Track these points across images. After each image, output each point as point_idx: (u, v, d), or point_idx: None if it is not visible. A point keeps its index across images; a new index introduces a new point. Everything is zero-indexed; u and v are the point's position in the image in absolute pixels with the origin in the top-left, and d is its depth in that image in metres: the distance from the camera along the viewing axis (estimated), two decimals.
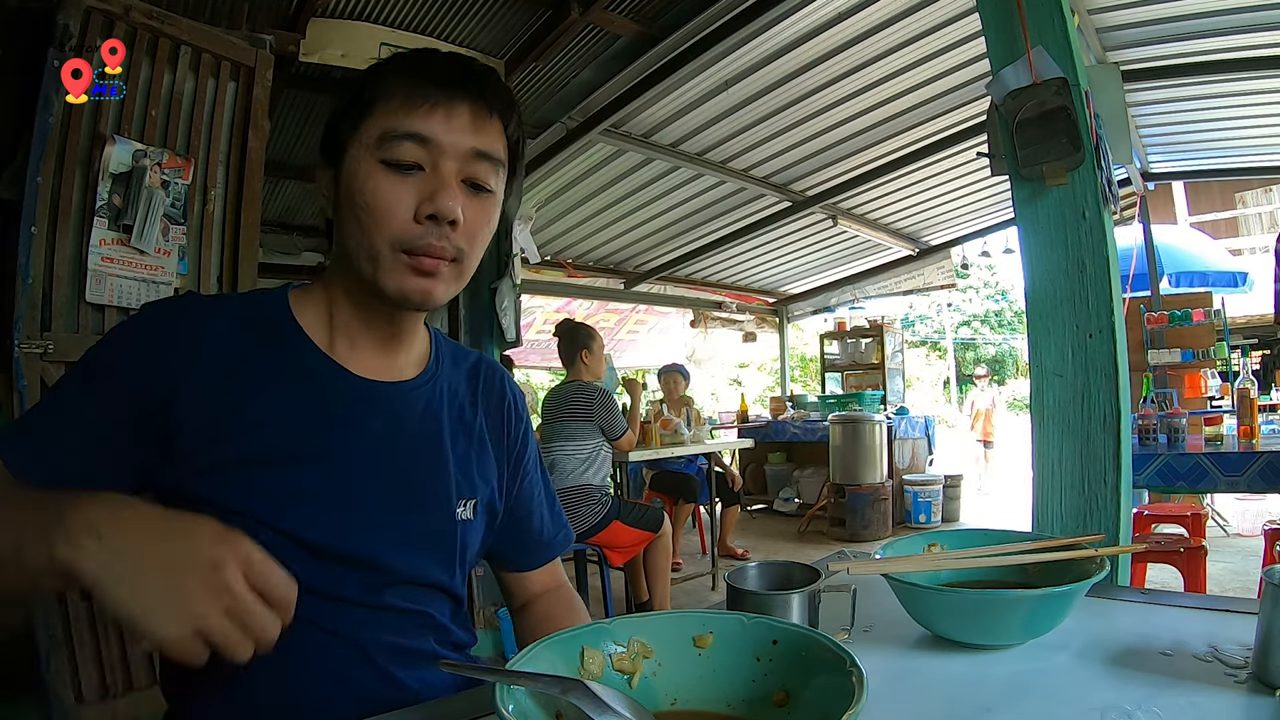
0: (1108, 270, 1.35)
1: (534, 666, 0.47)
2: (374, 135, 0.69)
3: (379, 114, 0.69)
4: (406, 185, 0.69)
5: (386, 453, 0.75)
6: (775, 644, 0.52)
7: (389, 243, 0.69)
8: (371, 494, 0.74)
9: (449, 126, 0.69)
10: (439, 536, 0.78)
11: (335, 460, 0.72)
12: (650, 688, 0.53)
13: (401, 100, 0.69)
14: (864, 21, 3.43)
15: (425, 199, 0.68)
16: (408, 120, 0.68)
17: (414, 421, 0.79)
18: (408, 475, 0.76)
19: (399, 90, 0.69)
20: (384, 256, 0.69)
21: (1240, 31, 3.39)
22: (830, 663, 0.48)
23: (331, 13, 2.90)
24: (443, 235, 0.69)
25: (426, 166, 0.69)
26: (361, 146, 0.70)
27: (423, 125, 0.68)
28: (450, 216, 0.69)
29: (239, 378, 0.70)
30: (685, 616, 0.56)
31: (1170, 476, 2.68)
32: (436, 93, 0.69)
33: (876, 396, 6.62)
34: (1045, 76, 1.37)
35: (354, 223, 0.70)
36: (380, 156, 0.69)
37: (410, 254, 0.69)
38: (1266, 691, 0.56)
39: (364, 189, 0.69)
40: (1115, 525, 1.31)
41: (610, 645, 0.53)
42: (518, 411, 0.93)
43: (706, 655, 0.54)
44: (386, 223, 0.69)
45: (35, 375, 2.12)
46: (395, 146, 0.68)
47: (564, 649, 0.51)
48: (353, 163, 0.70)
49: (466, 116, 0.70)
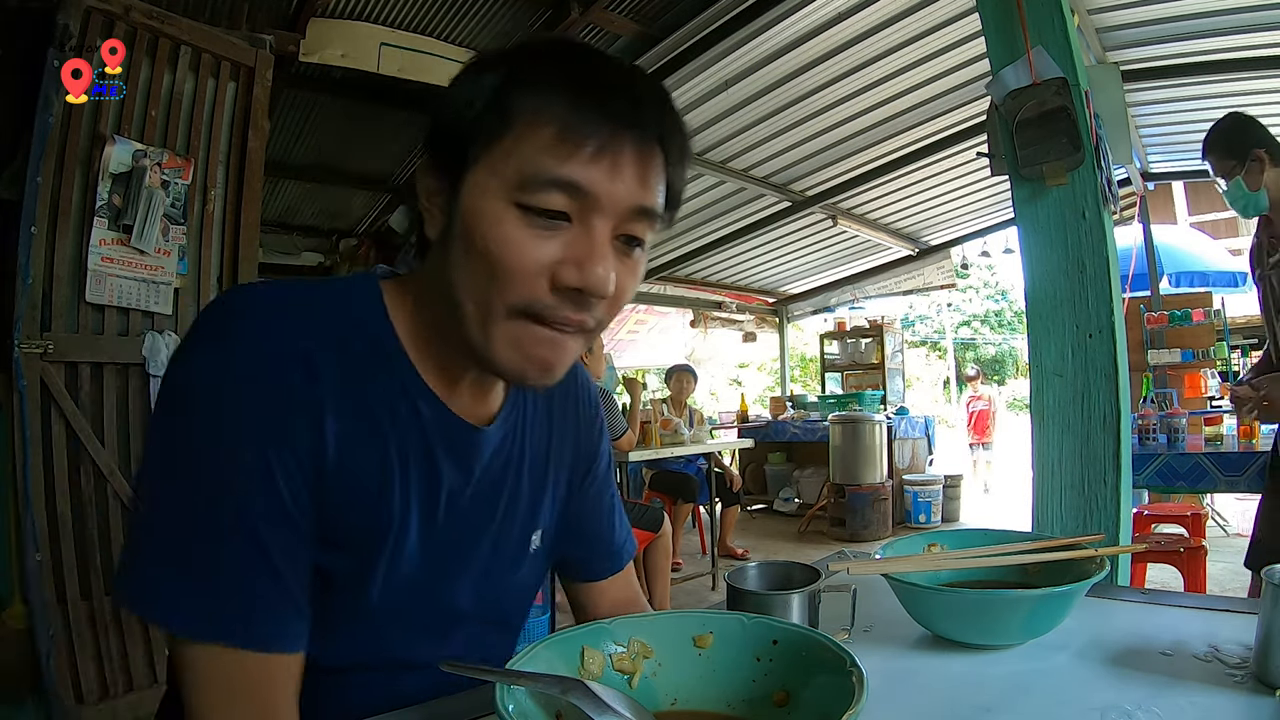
0: (1108, 270, 1.35)
1: (534, 666, 0.47)
2: (512, 170, 0.53)
3: (523, 139, 0.53)
4: (548, 243, 0.54)
5: (474, 501, 0.67)
6: (775, 644, 0.52)
7: (510, 306, 0.55)
8: (459, 548, 0.67)
9: (614, 176, 0.53)
10: (514, 576, 0.73)
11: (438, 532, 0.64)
12: (650, 688, 0.53)
13: (557, 133, 0.52)
14: (864, 21, 3.43)
15: (570, 263, 0.54)
16: (564, 166, 0.52)
17: (499, 461, 0.70)
18: (490, 520, 0.69)
19: (555, 115, 0.52)
20: (498, 321, 0.55)
21: (1240, 31, 3.39)
22: (830, 663, 0.48)
23: (331, 13, 2.90)
24: (582, 308, 0.55)
25: (574, 218, 0.54)
26: (493, 176, 0.54)
27: (582, 174, 0.52)
28: (604, 293, 0.54)
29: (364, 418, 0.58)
30: (685, 616, 0.56)
31: (1170, 476, 2.68)
32: (603, 129, 0.52)
33: (876, 396, 6.62)
34: (1045, 76, 1.37)
35: (468, 267, 0.55)
36: (518, 200, 0.53)
37: (536, 321, 0.56)
38: (1266, 691, 0.56)
39: (491, 236, 0.53)
40: (1115, 525, 1.31)
41: (610, 645, 0.53)
42: (592, 407, 0.84)
43: (707, 655, 0.54)
44: (512, 285, 0.54)
45: (35, 375, 2.13)
46: (543, 194, 0.52)
47: (564, 649, 0.51)
48: (478, 195, 0.54)
49: (635, 164, 0.54)
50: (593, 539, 0.85)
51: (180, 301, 2.48)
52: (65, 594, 2.16)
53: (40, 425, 2.14)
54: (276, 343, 0.55)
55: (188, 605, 0.51)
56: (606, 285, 0.54)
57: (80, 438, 2.21)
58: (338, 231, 5.40)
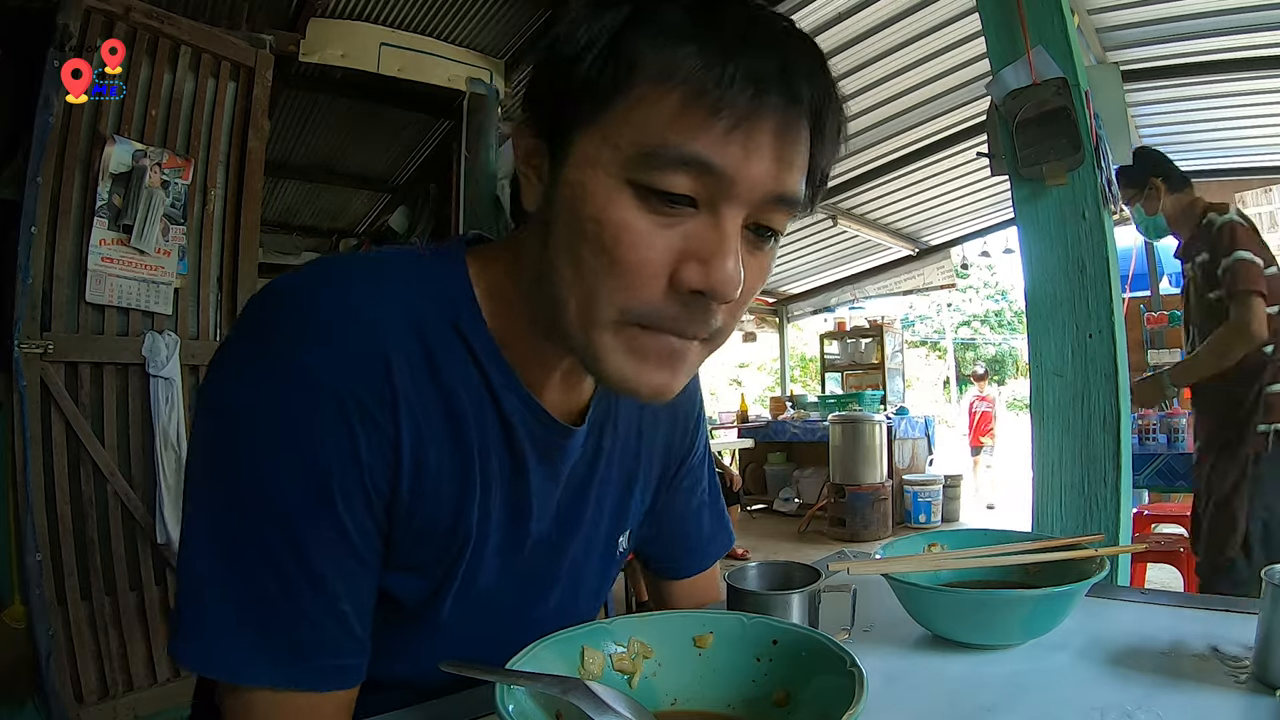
0: (1108, 270, 1.35)
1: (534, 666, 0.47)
2: (629, 141, 0.44)
3: (644, 103, 0.43)
4: (669, 233, 0.45)
5: (560, 507, 0.62)
6: (775, 644, 0.52)
7: (621, 310, 0.46)
8: (545, 557, 0.62)
9: (752, 155, 0.44)
10: (598, 579, 0.70)
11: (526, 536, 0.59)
12: (650, 688, 0.52)
13: (686, 98, 0.42)
14: (864, 21, 3.43)
15: (694, 261, 0.45)
16: (693, 140, 0.43)
17: (585, 460, 0.64)
18: (578, 525, 0.65)
19: (686, 75, 0.42)
20: (606, 327, 0.47)
21: (1240, 31, 3.39)
22: (830, 663, 0.48)
23: (331, 13, 2.90)
24: (706, 314, 0.47)
25: (700, 204, 0.45)
26: (605, 146, 0.45)
27: (715, 153, 0.43)
28: (731, 297, 0.46)
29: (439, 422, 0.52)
30: (685, 617, 0.56)
31: (1170, 476, 2.68)
32: (744, 95, 0.42)
33: (876, 396, 6.63)
34: (1045, 76, 1.37)
35: (571, 257, 0.47)
36: (634, 178, 0.44)
37: (648, 329, 0.47)
38: (1266, 691, 0.56)
39: (604, 219, 0.45)
40: (1115, 525, 1.31)
41: (610, 645, 0.53)
42: (691, 397, 0.76)
43: (707, 655, 0.53)
44: (625, 285, 0.45)
45: (35, 375, 2.13)
46: (663, 174, 0.43)
47: (564, 649, 0.51)
48: (586, 167, 0.45)
49: (778, 142, 0.45)
50: (678, 536, 0.80)
51: (180, 301, 2.48)
52: (65, 594, 2.16)
53: (40, 425, 2.14)
54: (342, 350, 0.47)
55: (247, 656, 0.46)
56: (735, 288, 0.45)
57: (80, 438, 2.21)
58: (338, 231, 5.40)
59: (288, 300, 0.49)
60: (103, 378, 2.30)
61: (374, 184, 4.71)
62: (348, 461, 0.47)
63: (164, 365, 2.36)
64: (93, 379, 2.28)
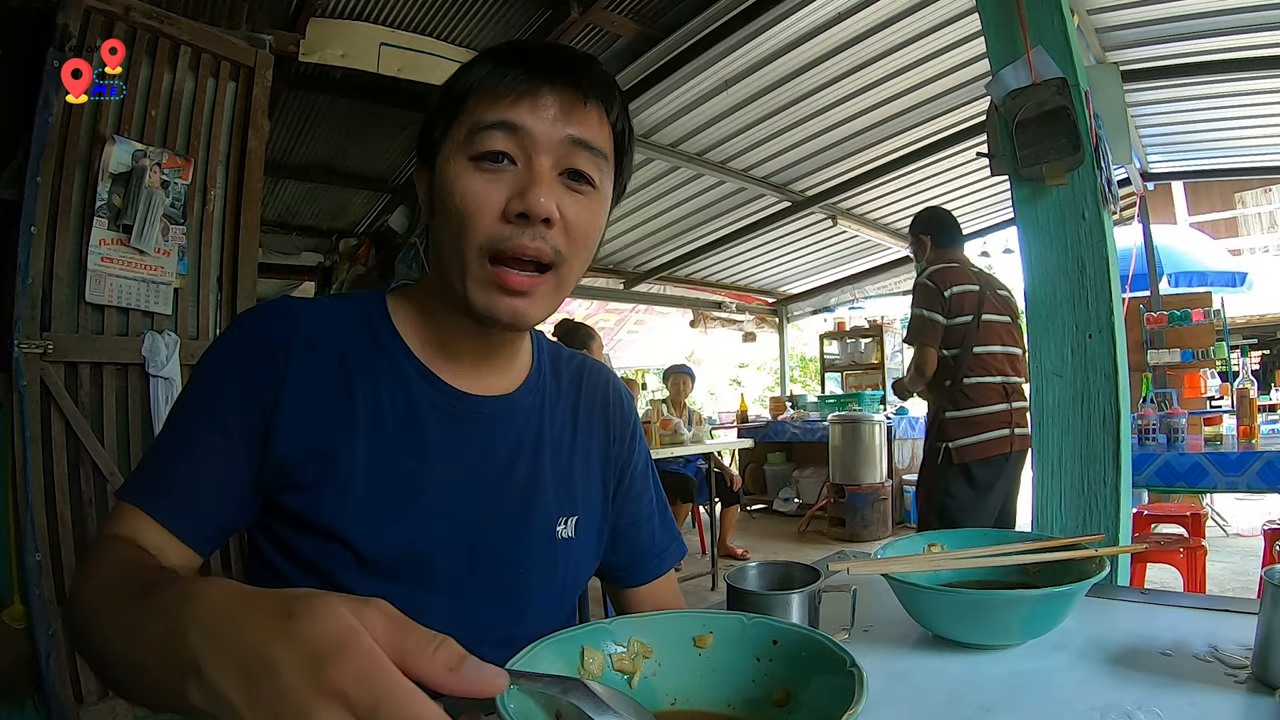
0: (1107, 270, 1.35)
1: (534, 666, 0.47)
2: (463, 133, 0.65)
3: (470, 109, 0.65)
4: (497, 183, 0.63)
5: (479, 470, 0.72)
6: (775, 644, 0.52)
7: (477, 248, 0.64)
8: (461, 511, 0.70)
9: (539, 114, 0.63)
10: (538, 557, 0.74)
11: (424, 478, 0.69)
12: (650, 688, 0.53)
13: (489, 90, 0.64)
14: (864, 21, 3.42)
15: (515, 195, 0.63)
16: (494, 110, 0.63)
17: (511, 435, 0.75)
18: (502, 492, 0.73)
19: (488, 82, 0.64)
20: (472, 266, 0.64)
21: (1240, 31, 3.39)
22: (831, 663, 0.48)
23: (331, 13, 2.90)
24: (536, 235, 0.63)
25: (519, 160, 0.64)
26: (453, 145, 0.65)
27: (510, 113, 0.63)
28: (543, 214, 0.62)
29: (334, 382, 0.68)
30: (685, 617, 0.56)
31: (1170, 476, 2.68)
32: (525, 81, 0.63)
33: (876, 396, 6.62)
34: (1045, 76, 1.37)
35: (445, 227, 0.66)
36: (469, 153, 0.64)
37: (497, 262, 0.64)
38: (1266, 691, 0.56)
39: (453, 189, 0.64)
40: (1115, 525, 1.31)
41: (610, 645, 0.53)
42: (624, 415, 0.87)
43: (707, 655, 0.53)
44: (474, 224, 0.63)
45: (35, 375, 2.12)
46: (483, 138, 0.63)
47: (564, 649, 0.51)
48: (444, 163, 0.66)
49: (557, 102, 0.64)
50: (632, 541, 0.86)
51: (180, 301, 2.48)
52: (65, 594, 2.16)
53: (40, 425, 2.14)
54: (279, 314, 0.69)
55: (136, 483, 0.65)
56: (548, 207, 0.62)
57: (80, 438, 2.21)
58: (337, 231, 5.39)
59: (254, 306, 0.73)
60: (102, 378, 2.29)
61: (374, 184, 4.71)
62: (241, 373, 0.66)
63: (164, 365, 2.36)
64: (92, 379, 2.28)
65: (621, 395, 0.88)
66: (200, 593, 0.39)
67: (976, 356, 2.64)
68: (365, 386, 0.69)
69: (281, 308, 0.70)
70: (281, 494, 0.66)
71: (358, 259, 4.98)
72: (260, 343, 0.67)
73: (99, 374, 2.29)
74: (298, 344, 0.67)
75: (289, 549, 0.68)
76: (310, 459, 0.66)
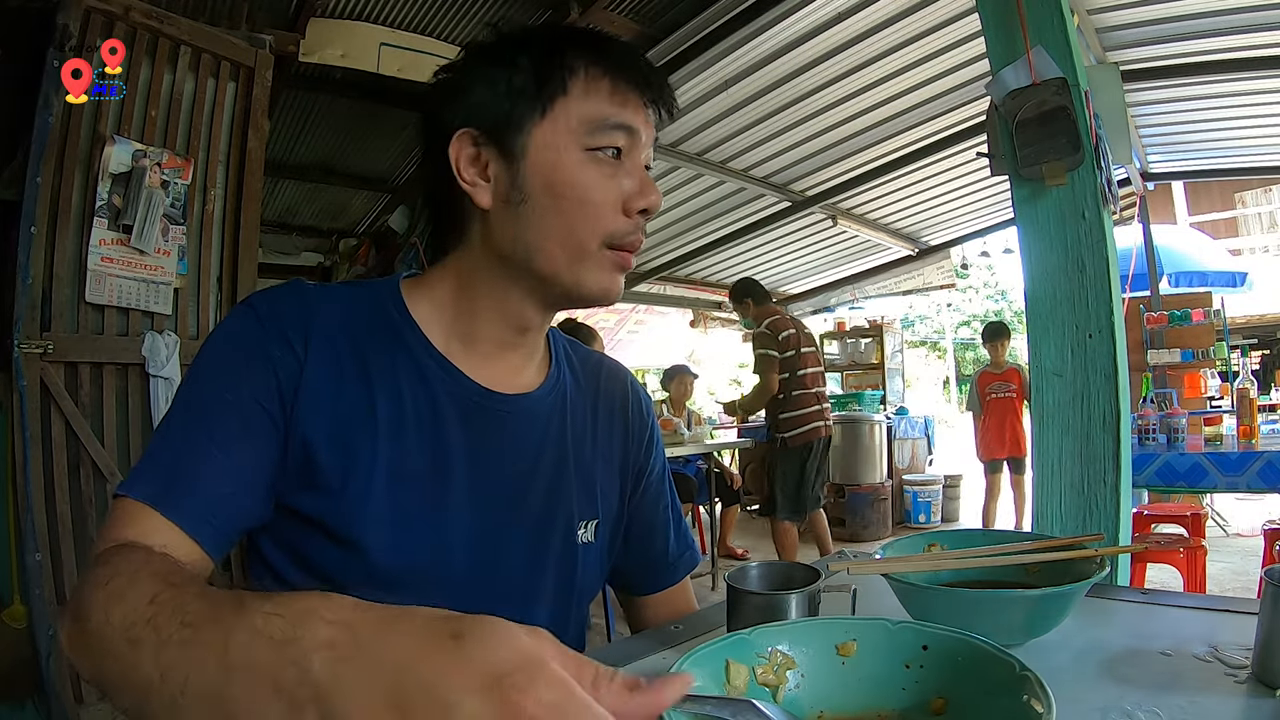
0: (1107, 270, 1.34)
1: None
2: (576, 120, 0.64)
3: (583, 95, 0.65)
4: (614, 177, 0.65)
5: (500, 469, 0.70)
6: (925, 649, 0.51)
7: (601, 238, 0.65)
8: (483, 515, 0.68)
9: (648, 122, 0.68)
10: (557, 562, 0.73)
11: (445, 484, 0.67)
12: (796, 700, 0.51)
13: (611, 89, 0.65)
14: (864, 21, 3.42)
15: (635, 193, 0.66)
16: (621, 112, 0.65)
17: (534, 435, 0.73)
18: (525, 494, 0.71)
19: (606, 78, 0.65)
20: (593, 253, 0.65)
21: (1240, 31, 3.39)
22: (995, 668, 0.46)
23: (331, 13, 2.90)
24: (641, 229, 0.68)
25: (624, 155, 0.66)
26: (560, 131, 0.64)
27: (632, 118, 0.66)
28: (659, 209, 0.68)
29: (352, 377, 0.65)
30: (825, 624, 0.54)
31: (1170, 476, 2.68)
32: (638, 85, 0.67)
33: (876, 396, 6.62)
34: (1045, 76, 1.37)
35: (555, 216, 0.65)
36: (588, 144, 0.64)
37: (615, 249, 0.66)
38: (1266, 691, 0.56)
39: (576, 180, 0.64)
40: (1115, 525, 1.31)
41: (752, 657, 0.51)
42: (643, 417, 0.86)
43: (851, 664, 0.52)
44: (600, 215, 0.65)
45: (35, 375, 2.12)
46: (607, 134, 0.64)
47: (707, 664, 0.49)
48: (549, 149, 0.64)
49: (655, 117, 0.69)
50: (647, 548, 0.85)
51: (180, 301, 2.48)
52: (65, 594, 2.15)
53: (40, 425, 2.13)
54: (294, 293, 0.67)
55: (138, 477, 0.59)
56: (660, 203, 0.67)
57: (80, 438, 2.21)
58: (337, 231, 5.39)
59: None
60: (102, 378, 2.29)
61: (374, 184, 4.71)
62: (259, 357, 0.62)
63: (164, 365, 2.36)
64: (92, 379, 2.28)
65: (640, 397, 0.87)
66: (318, 610, 0.34)
67: (799, 377, 3.93)
68: (385, 384, 0.66)
69: (297, 291, 0.67)
70: (295, 495, 0.63)
71: (358, 259, 4.98)
72: (278, 327, 0.63)
73: (99, 374, 2.29)
74: (315, 332, 0.64)
75: (295, 551, 0.65)
76: (332, 460, 0.63)
